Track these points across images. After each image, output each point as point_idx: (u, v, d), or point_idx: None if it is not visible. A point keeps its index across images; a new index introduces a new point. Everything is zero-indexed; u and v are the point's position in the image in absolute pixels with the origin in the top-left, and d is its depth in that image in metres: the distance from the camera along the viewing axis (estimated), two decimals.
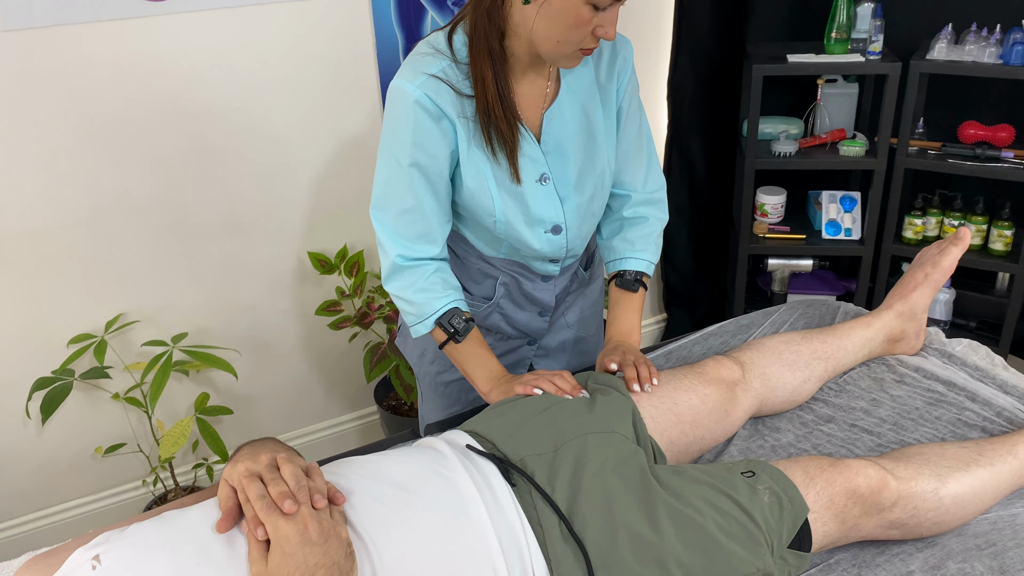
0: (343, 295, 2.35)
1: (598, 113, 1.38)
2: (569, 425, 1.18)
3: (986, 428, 1.44)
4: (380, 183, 1.35)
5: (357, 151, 2.29)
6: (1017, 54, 2.33)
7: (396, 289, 1.39)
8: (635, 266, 1.50)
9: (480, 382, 1.40)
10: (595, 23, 1.18)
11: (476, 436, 1.20)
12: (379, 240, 1.38)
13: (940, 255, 1.65)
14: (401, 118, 1.26)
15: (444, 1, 2.24)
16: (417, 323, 1.41)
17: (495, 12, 1.21)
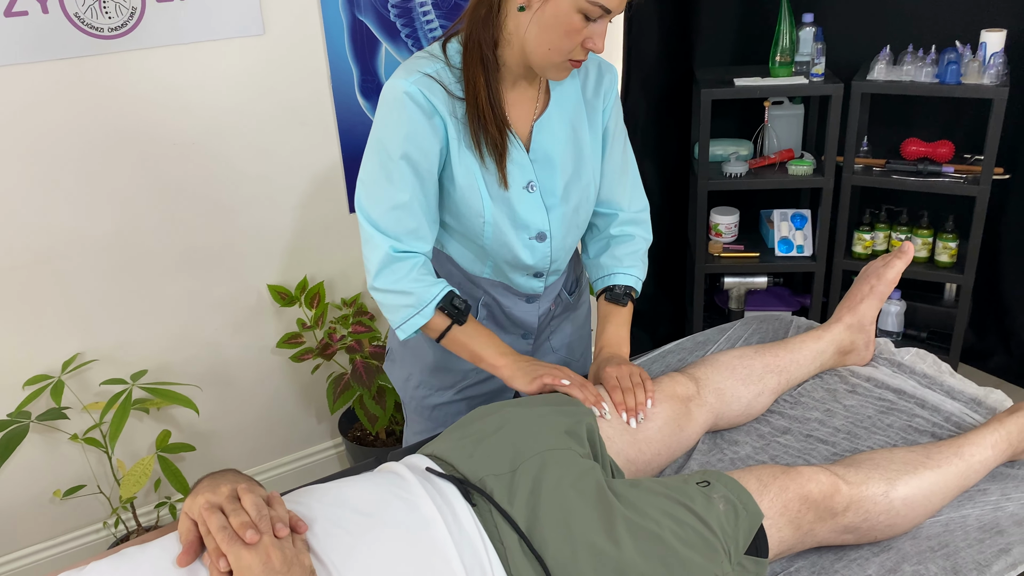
0: (304, 327, 2.35)
1: (584, 128, 1.43)
2: (526, 444, 1.19)
3: (935, 433, 1.48)
4: (369, 177, 1.34)
5: (315, 183, 2.31)
6: (952, 73, 2.43)
7: (389, 283, 1.36)
8: (623, 280, 1.53)
9: (491, 357, 1.39)
10: (585, 34, 1.24)
11: (435, 459, 1.21)
12: (367, 237, 1.36)
13: (885, 268, 1.70)
14: (393, 112, 1.29)
15: (397, 34, 2.28)
16: (414, 315, 1.37)
17: (490, 21, 1.27)
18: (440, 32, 2.33)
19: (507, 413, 1.29)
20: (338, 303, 2.44)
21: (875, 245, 2.75)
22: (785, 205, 2.90)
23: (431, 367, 1.60)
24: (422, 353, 1.60)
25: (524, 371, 1.37)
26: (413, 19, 2.29)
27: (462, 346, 1.41)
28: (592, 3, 1.20)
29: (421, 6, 2.28)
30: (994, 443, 1.34)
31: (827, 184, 2.62)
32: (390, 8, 2.25)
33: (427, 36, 2.32)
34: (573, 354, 1.69)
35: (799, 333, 1.79)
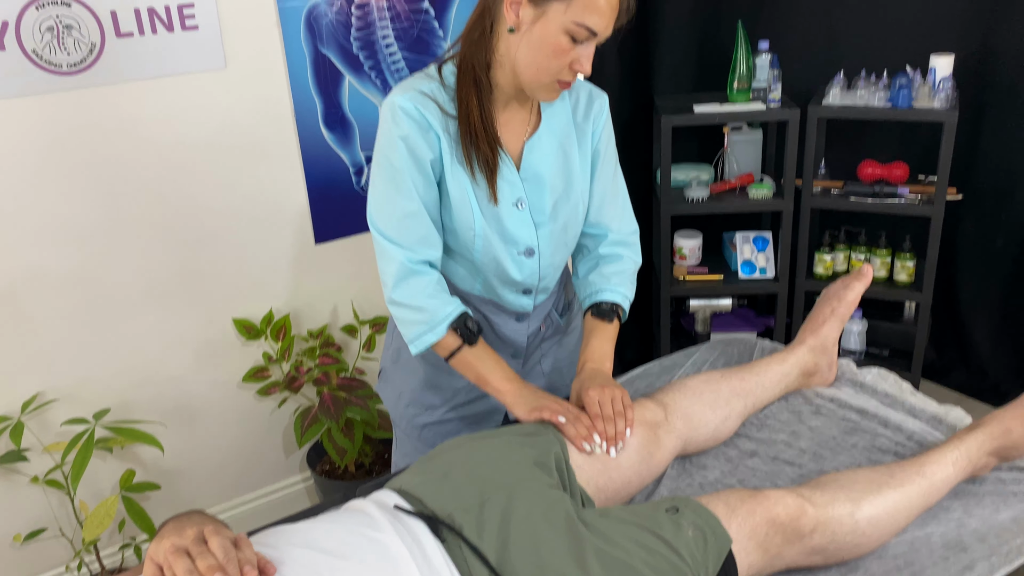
0: (270, 360, 2.33)
1: (574, 150, 1.47)
2: (494, 476, 1.19)
3: (898, 452, 1.51)
4: (378, 192, 1.39)
5: (280, 215, 2.30)
6: (904, 97, 2.49)
7: (405, 296, 1.39)
8: (610, 297, 1.54)
9: (497, 381, 1.42)
10: (572, 56, 1.28)
11: (404, 494, 1.21)
12: (382, 250, 1.40)
13: (845, 290, 1.74)
14: (392, 127, 1.34)
15: (361, 67, 2.29)
16: (426, 332, 1.40)
17: (483, 43, 1.33)
18: (404, 64, 2.35)
19: (474, 445, 1.29)
20: (304, 335, 2.42)
21: (836, 266, 2.80)
22: (747, 228, 2.95)
23: (422, 384, 1.61)
24: (413, 370, 1.61)
25: (526, 399, 1.39)
26: (376, 51, 2.30)
27: (470, 367, 1.43)
28: (579, 25, 1.24)
29: (384, 39, 2.30)
30: (955, 460, 1.37)
31: (787, 207, 2.67)
32: (353, 41, 2.26)
33: (391, 68, 2.34)
34: (563, 379, 1.71)
35: (764, 356, 1.81)
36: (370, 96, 2.34)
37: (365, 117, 2.35)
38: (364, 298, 2.51)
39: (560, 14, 1.24)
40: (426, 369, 1.59)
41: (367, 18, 2.26)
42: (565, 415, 1.36)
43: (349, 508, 1.19)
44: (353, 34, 2.26)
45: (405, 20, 2.32)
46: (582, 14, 1.24)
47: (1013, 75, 2.54)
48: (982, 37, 2.57)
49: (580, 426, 1.35)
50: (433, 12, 2.36)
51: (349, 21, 2.24)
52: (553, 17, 1.25)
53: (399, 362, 1.63)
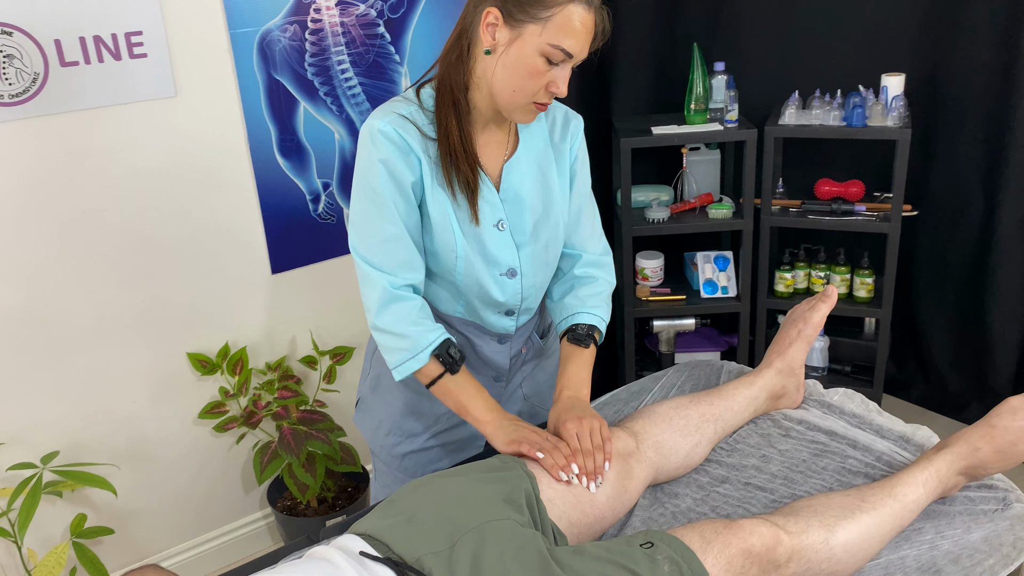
0: (227, 395, 2.26)
1: (553, 170, 1.47)
2: (463, 517, 1.16)
3: (868, 473, 1.50)
4: (359, 217, 1.39)
5: (234, 245, 2.24)
6: (858, 116, 2.52)
7: (388, 323, 1.38)
8: (587, 320, 1.52)
9: (477, 412, 1.41)
10: (548, 78, 1.28)
11: (368, 539, 1.16)
12: (363, 275, 1.39)
13: (810, 312, 1.73)
14: (372, 150, 1.34)
15: (316, 92, 2.25)
16: (409, 359, 1.39)
17: (461, 65, 1.33)
18: (360, 90, 2.32)
19: (441, 484, 1.25)
20: (262, 368, 2.36)
21: (796, 283, 2.81)
22: (707, 247, 2.95)
23: (403, 411, 1.59)
24: (395, 397, 1.59)
25: (505, 430, 1.38)
26: (331, 77, 2.27)
27: (451, 395, 1.42)
28: (554, 47, 1.25)
29: (339, 64, 2.27)
30: (925, 481, 1.36)
31: (747, 226, 2.68)
32: (307, 67, 2.22)
33: (347, 94, 2.30)
34: (543, 403, 1.70)
35: (731, 378, 1.80)
36: (326, 122, 2.30)
37: (321, 144, 2.31)
38: (323, 328, 2.46)
39: (535, 36, 1.25)
40: (407, 395, 1.57)
41: (322, 44, 2.22)
42: (543, 447, 1.34)
43: (312, 556, 1.14)
44: (307, 60, 2.22)
45: (361, 45, 2.29)
46: (557, 36, 1.24)
47: (961, 94, 2.59)
48: (931, 58, 2.62)
49: (558, 455, 1.33)
50: (389, 37, 2.33)
51: (303, 47, 2.20)
52: (529, 39, 1.25)
53: (379, 390, 1.61)
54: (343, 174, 2.37)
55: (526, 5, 1.25)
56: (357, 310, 2.51)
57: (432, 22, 2.39)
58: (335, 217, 2.40)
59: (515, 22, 1.26)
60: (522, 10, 1.25)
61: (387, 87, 2.37)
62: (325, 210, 2.37)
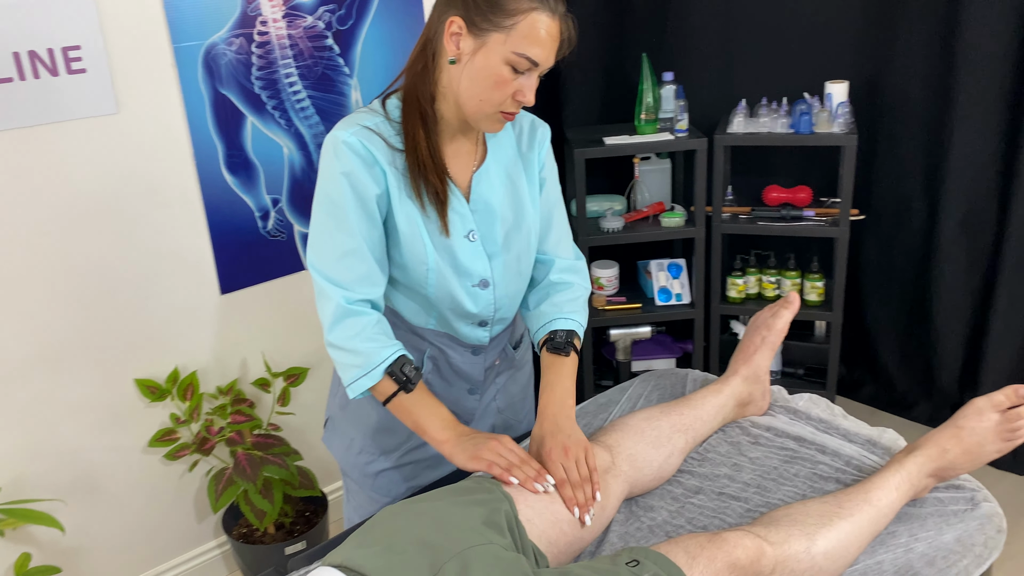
0: (179, 422, 2.17)
1: (522, 180, 1.45)
2: (445, 543, 1.12)
3: (840, 479, 1.51)
4: (317, 230, 1.36)
5: (181, 266, 2.16)
6: (805, 123, 2.57)
7: (341, 339, 1.35)
8: (565, 325, 1.49)
9: (434, 431, 1.37)
10: (515, 87, 1.27)
11: (347, 571, 1.12)
12: (320, 289, 1.36)
13: (773, 319, 1.74)
14: (334, 162, 1.31)
15: (263, 106, 2.19)
16: (362, 376, 1.35)
17: (427, 75, 1.31)
18: (309, 103, 2.26)
19: (417, 509, 1.21)
20: (213, 392, 2.28)
21: (747, 289, 2.84)
22: (658, 255, 2.97)
23: (374, 429, 1.55)
24: (366, 415, 1.55)
25: (464, 448, 1.35)
26: (279, 90, 2.21)
27: (407, 414, 1.39)
28: (520, 56, 1.24)
29: (287, 77, 2.21)
30: (897, 485, 1.37)
31: (699, 233, 2.70)
32: (254, 80, 2.16)
33: (295, 107, 2.24)
34: (517, 415, 1.68)
35: (696, 387, 1.80)
36: (274, 137, 2.24)
37: (269, 159, 2.24)
38: (275, 349, 2.39)
39: (500, 44, 1.23)
40: (379, 412, 1.53)
41: (269, 57, 2.17)
42: (508, 459, 1.31)
43: None
44: (254, 73, 2.16)
45: (309, 58, 2.24)
46: (523, 45, 1.23)
47: (901, 101, 2.66)
48: (872, 66, 2.68)
49: (527, 468, 1.31)
50: (338, 49, 2.28)
51: (250, 60, 2.14)
52: (493, 48, 1.24)
53: (349, 408, 1.56)
54: (293, 190, 2.31)
55: (489, 13, 1.23)
56: (310, 330, 2.44)
57: (381, 33, 2.35)
58: (285, 234, 2.33)
59: (479, 31, 1.24)
60: (485, 19, 1.23)
61: (337, 100, 2.32)
62: (275, 227, 2.31)
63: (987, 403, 1.40)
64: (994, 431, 1.39)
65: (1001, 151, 2.51)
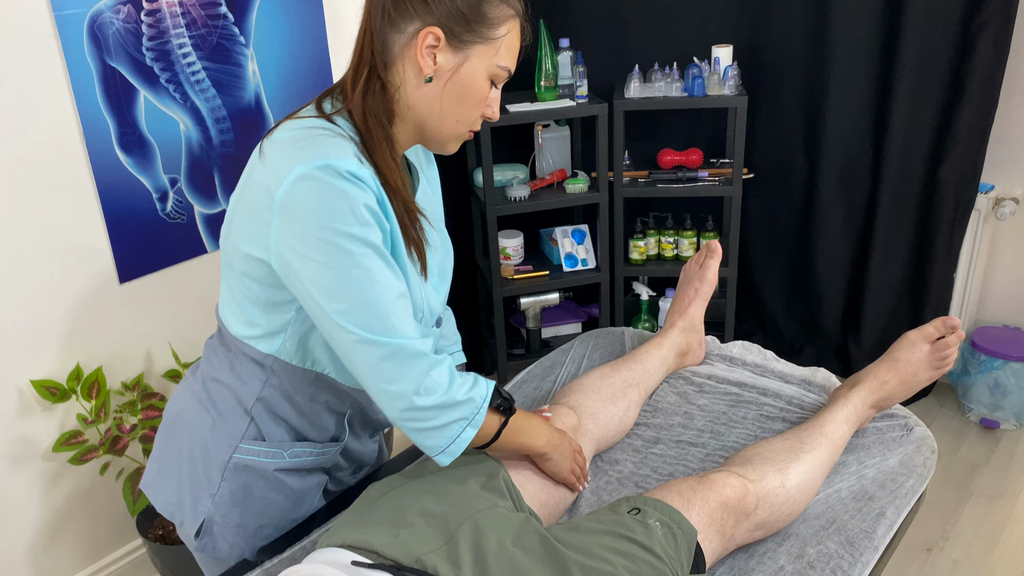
0: (86, 422, 2.01)
1: (435, 199, 1.34)
2: (451, 511, 1.10)
3: (785, 418, 1.59)
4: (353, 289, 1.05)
5: (75, 255, 1.99)
6: (698, 86, 2.66)
7: (435, 399, 1.11)
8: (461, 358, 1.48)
9: (540, 444, 1.28)
10: (488, 102, 1.15)
11: (352, 549, 1.08)
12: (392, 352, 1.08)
13: (702, 269, 1.81)
14: (349, 196, 1.03)
15: (156, 79, 2.04)
16: (466, 427, 1.14)
17: (385, 94, 1.12)
18: (204, 75, 2.13)
19: (415, 485, 1.18)
20: (119, 388, 2.12)
21: (648, 251, 2.93)
22: (560, 223, 3.01)
23: (292, 502, 1.34)
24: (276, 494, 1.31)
25: (565, 457, 1.33)
26: (173, 62, 2.06)
27: (512, 440, 1.24)
28: (502, 68, 1.13)
29: (180, 48, 2.07)
30: (846, 418, 1.47)
31: (602, 199, 2.75)
32: (145, 52, 2.01)
33: (190, 80, 2.10)
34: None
35: (634, 343, 1.85)
36: (170, 112, 2.09)
37: (166, 135, 2.10)
38: (183, 339, 2.25)
39: (486, 58, 1.11)
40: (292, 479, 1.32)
41: (159, 26, 2.02)
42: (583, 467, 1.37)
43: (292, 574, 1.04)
44: (145, 44, 2.00)
45: (202, 27, 2.10)
46: (507, 57, 1.13)
47: (780, 62, 2.79)
48: (752, 29, 2.80)
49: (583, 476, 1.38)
50: (232, 18, 2.16)
51: (139, 30, 1.98)
52: (477, 62, 1.11)
53: (248, 501, 1.29)
54: (191, 168, 2.17)
55: (475, 24, 1.09)
56: None
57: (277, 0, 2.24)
58: (185, 216, 2.19)
59: (460, 43, 1.09)
60: (469, 29, 1.09)
61: (233, 71, 2.20)
62: (174, 209, 2.17)
63: (919, 335, 1.51)
64: (926, 360, 1.50)
65: (873, 107, 2.69)
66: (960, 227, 2.70)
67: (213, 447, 1.26)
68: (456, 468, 1.21)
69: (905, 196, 2.72)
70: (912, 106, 2.60)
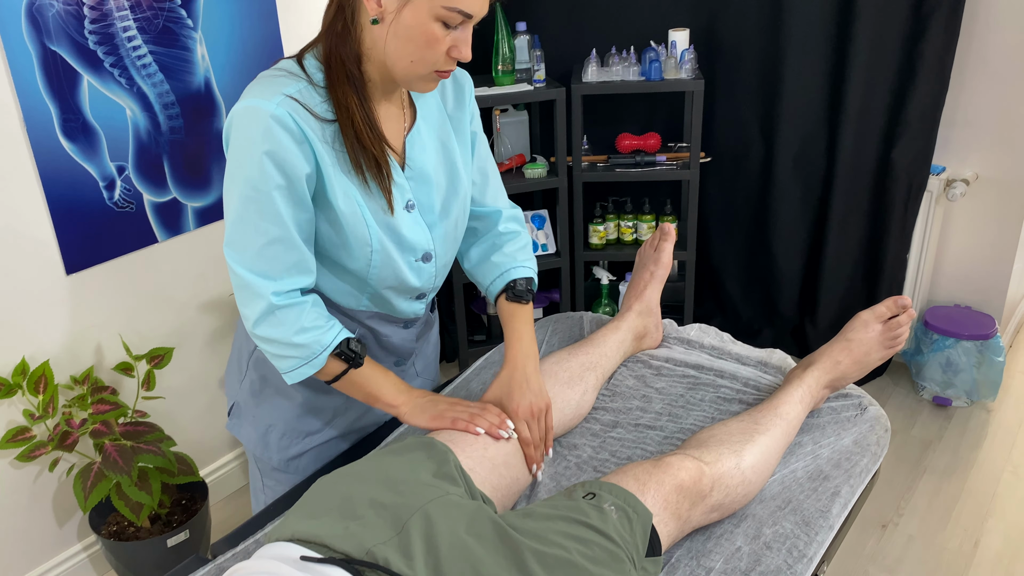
0: (33, 418, 1.96)
1: (453, 142, 1.37)
2: (401, 500, 1.09)
3: (742, 399, 1.60)
4: (235, 218, 1.20)
5: (17, 246, 1.93)
6: (655, 70, 2.65)
7: (274, 334, 1.24)
8: (524, 274, 1.49)
9: (389, 397, 1.34)
10: (448, 43, 1.16)
11: (303, 543, 1.05)
12: (243, 283, 1.22)
13: (657, 253, 1.80)
14: (256, 139, 1.14)
15: (100, 64, 1.98)
16: (301, 365, 1.26)
17: (348, 36, 1.18)
18: (151, 59, 2.07)
19: (360, 473, 1.16)
20: (68, 383, 2.07)
21: (608, 235, 2.93)
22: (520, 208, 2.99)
23: (300, 410, 1.46)
24: (286, 399, 1.45)
25: (423, 407, 1.33)
26: (117, 46, 2.00)
27: (358, 388, 1.33)
28: (450, 9, 1.12)
29: (125, 31, 2.01)
30: (801, 398, 1.47)
31: (562, 183, 2.75)
32: (87, 35, 1.94)
33: (136, 64, 2.05)
34: (430, 374, 1.65)
35: (592, 327, 1.84)
36: (115, 97, 2.03)
37: (111, 122, 2.04)
38: (134, 331, 2.20)
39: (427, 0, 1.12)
40: (305, 393, 1.44)
41: (103, 8, 1.96)
42: (470, 411, 1.31)
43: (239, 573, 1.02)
44: (87, 27, 1.94)
45: (148, 9, 2.04)
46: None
47: (736, 47, 2.80)
48: (709, 14, 2.81)
49: (491, 416, 1.32)
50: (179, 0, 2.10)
51: (81, 12, 1.92)
52: (420, 4, 1.12)
53: (264, 393, 1.45)
54: (139, 156, 2.12)
55: None
56: (171, 307, 2.27)
57: None
58: (134, 204, 2.14)
59: None
60: None
61: (181, 55, 2.14)
62: (122, 197, 2.11)
63: (871, 315, 1.53)
64: (878, 340, 1.52)
65: (827, 91, 2.71)
66: (913, 209, 2.73)
67: (245, 338, 1.44)
68: (406, 456, 1.19)
69: (859, 178, 2.75)
70: (866, 90, 2.63)
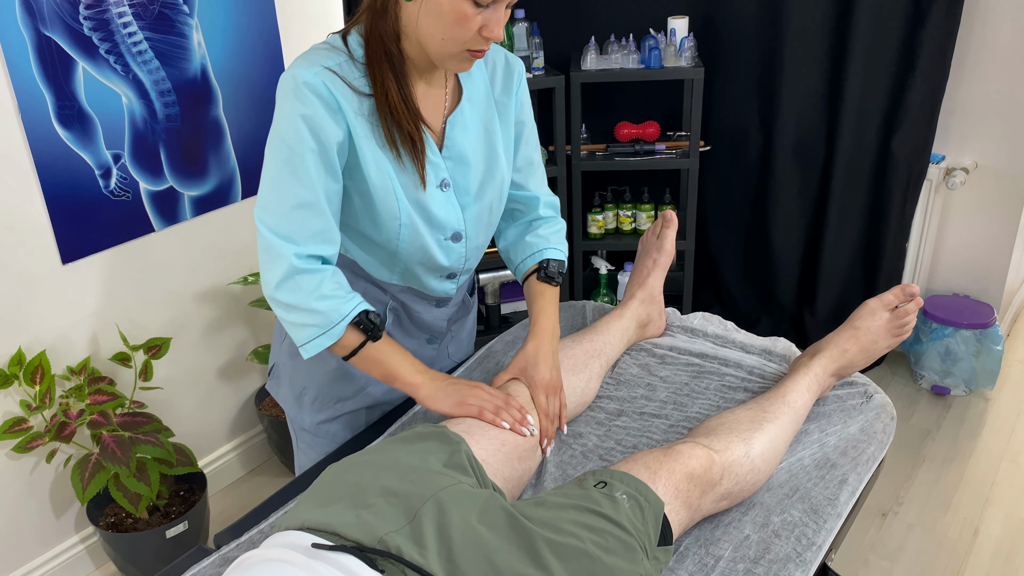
0: (31, 409, 1.94)
1: (496, 126, 1.37)
2: (413, 489, 1.07)
3: (747, 388, 1.59)
4: (269, 178, 1.22)
5: (13, 235, 1.91)
6: (655, 58, 2.64)
7: (293, 299, 1.23)
8: (555, 255, 1.51)
9: (408, 375, 1.33)
10: (479, 22, 1.16)
11: (312, 531, 1.04)
12: (266, 244, 1.22)
13: (660, 240, 1.79)
14: (294, 104, 1.18)
15: (95, 50, 1.95)
16: (319, 335, 1.25)
17: (386, 13, 1.20)
18: (147, 46, 2.04)
19: (372, 462, 1.15)
20: (64, 373, 2.05)
21: (607, 224, 2.92)
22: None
23: (333, 375, 1.47)
24: (322, 361, 1.46)
25: (446, 392, 1.32)
26: (113, 32, 1.97)
27: (375, 364, 1.32)
28: None
29: (120, 16, 1.98)
30: (808, 386, 1.47)
31: (561, 172, 2.73)
32: (82, 21, 1.92)
33: (131, 51, 2.02)
34: (463, 355, 1.67)
35: (595, 316, 1.83)
36: (111, 84, 2.01)
37: (107, 109, 2.01)
38: (130, 321, 2.18)
39: None
40: (337, 359, 1.44)
41: None
42: (496, 403, 1.31)
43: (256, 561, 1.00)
44: (82, 12, 1.91)
45: None
46: None
47: (736, 35, 2.79)
48: (708, 1, 2.79)
49: (513, 411, 1.31)
50: None
51: None
52: None
53: (299, 357, 1.46)
54: (135, 144, 2.09)
55: None
56: (167, 297, 2.25)
57: None
58: (130, 193, 2.11)
59: None
60: None
61: (177, 42, 2.12)
62: (118, 186, 2.09)
63: (878, 303, 1.52)
64: (885, 328, 1.51)
65: (827, 80, 2.70)
66: (912, 198, 2.73)
67: None
68: (417, 444, 1.18)
69: (858, 167, 2.74)
70: (865, 78, 2.62)
